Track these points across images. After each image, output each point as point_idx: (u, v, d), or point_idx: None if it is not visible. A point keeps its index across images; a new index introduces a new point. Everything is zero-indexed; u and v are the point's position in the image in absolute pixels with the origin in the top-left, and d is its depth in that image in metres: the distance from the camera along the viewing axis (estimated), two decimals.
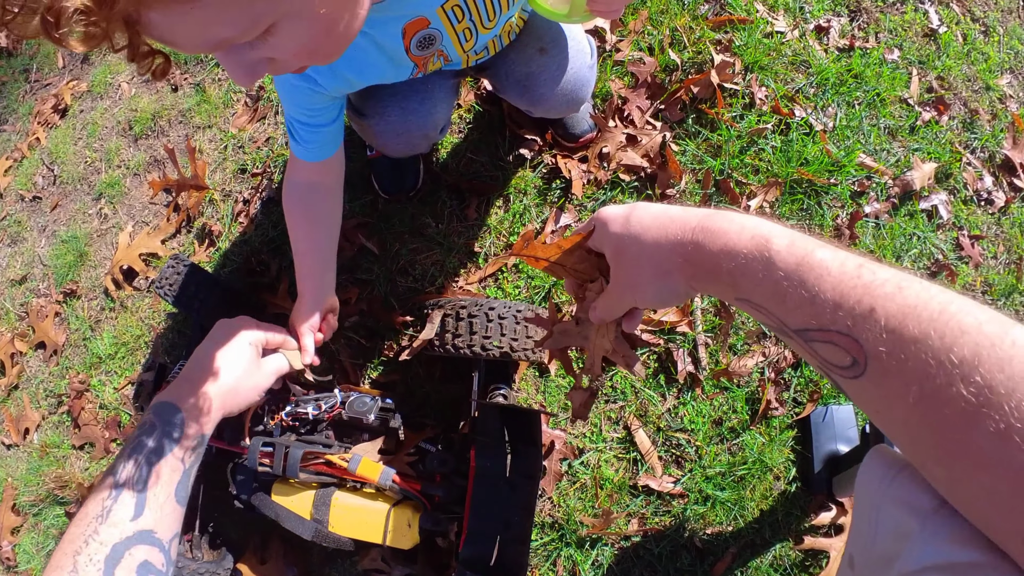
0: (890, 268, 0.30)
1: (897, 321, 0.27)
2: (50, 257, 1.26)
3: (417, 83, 0.72)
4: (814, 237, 0.33)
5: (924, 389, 0.26)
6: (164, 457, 0.53)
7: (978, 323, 0.25)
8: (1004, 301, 1.05)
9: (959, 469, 0.26)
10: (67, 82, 1.38)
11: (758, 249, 0.33)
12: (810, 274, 0.31)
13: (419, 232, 0.97)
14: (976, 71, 1.16)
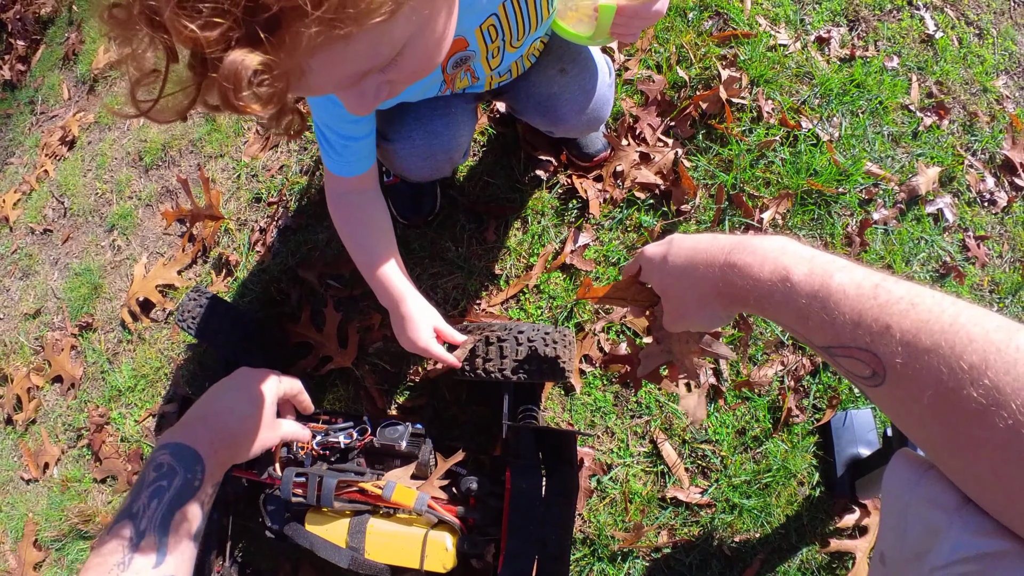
0: (905, 284, 0.33)
1: (911, 335, 0.30)
2: (64, 290, 1.26)
3: (440, 106, 0.73)
4: (832, 257, 0.36)
5: (938, 392, 0.29)
6: (186, 504, 0.53)
7: (985, 332, 0.28)
8: (1011, 298, 1.08)
9: (973, 460, 0.28)
10: (74, 114, 1.38)
11: (779, 280, 0.36)
12: (829, 299, 0.34)
13: (439, 256, 0.98)
14: (973, 74, 1.19)
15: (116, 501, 1.13)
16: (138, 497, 0.52)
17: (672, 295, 0.46)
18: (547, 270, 0.94)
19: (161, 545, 0.49)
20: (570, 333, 0.81)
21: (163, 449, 0.56)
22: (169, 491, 0.52)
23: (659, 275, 0.47)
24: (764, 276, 0.37)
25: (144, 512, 0.50)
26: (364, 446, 0.83)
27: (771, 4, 1.13)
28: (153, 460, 0.55)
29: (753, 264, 0.38)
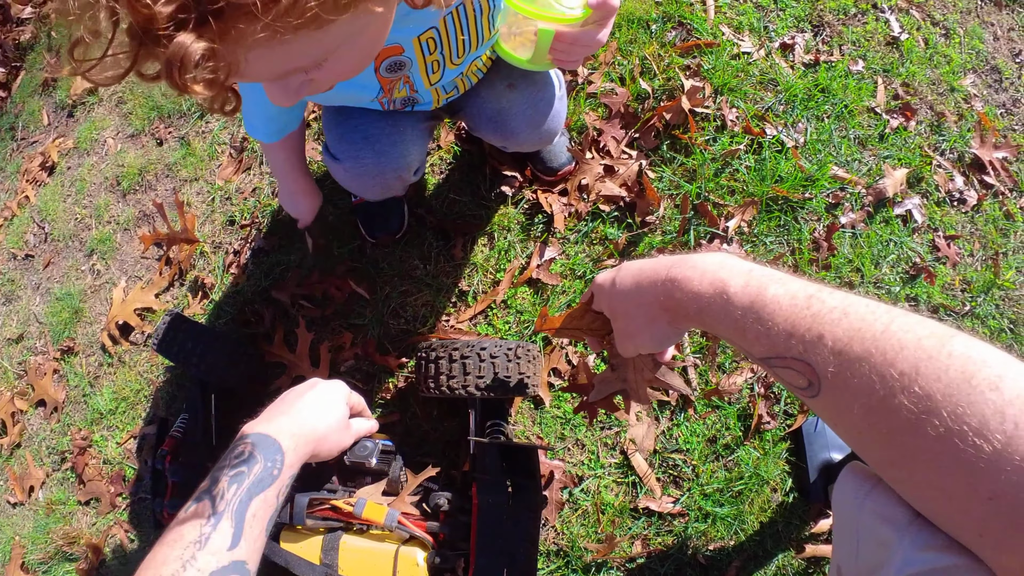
0: (840, 294, 0.33)
1: (843, 343, 0.30)
2: (46, 315, 1.28)
3: (389, 127, 0.73)
4: (770, 270, 0.37)
5: (871, 401, 0.29)
6: (264, 491, 0.53)
7: (917, 339, 0.28)
8: (983, 297, 1.08)
9: (910, 471, 0.28)
10: (53, 139, 1.40)
11: (717, 293, 0.37)
12: (764, 310, 0.34)
13: (408, 274, 0.99)
14: (940, 74, 1.20)
15: (100, 523, 1.14)
16: (218, 481, 0.52)
17: (620, 316, 0.47)
18: (514, 285, 0.95)
19: (237, 528, 0.50)
20: (534, 348, 0.82)
21: (245, 438, 0.57)
22: (249, 477, 0.53)
23: (608, 299, 0.48)
24: (703, 290, 0.38)
25: (223, 495, 0.51)
26: (335, 463, 0.84)
27: (735, 13, 1.14)
28: (234, 447, 0.56)
29: (693, 278, 0.39)
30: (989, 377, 0.26)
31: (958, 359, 0.27)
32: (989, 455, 0.24)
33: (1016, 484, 0.24)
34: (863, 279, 1.02)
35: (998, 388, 0.25)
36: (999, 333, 1.08)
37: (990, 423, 0.25)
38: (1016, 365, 0.26)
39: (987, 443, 0.24)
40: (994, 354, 0.27)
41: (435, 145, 1.05)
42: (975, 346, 0.27)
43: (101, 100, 1.39)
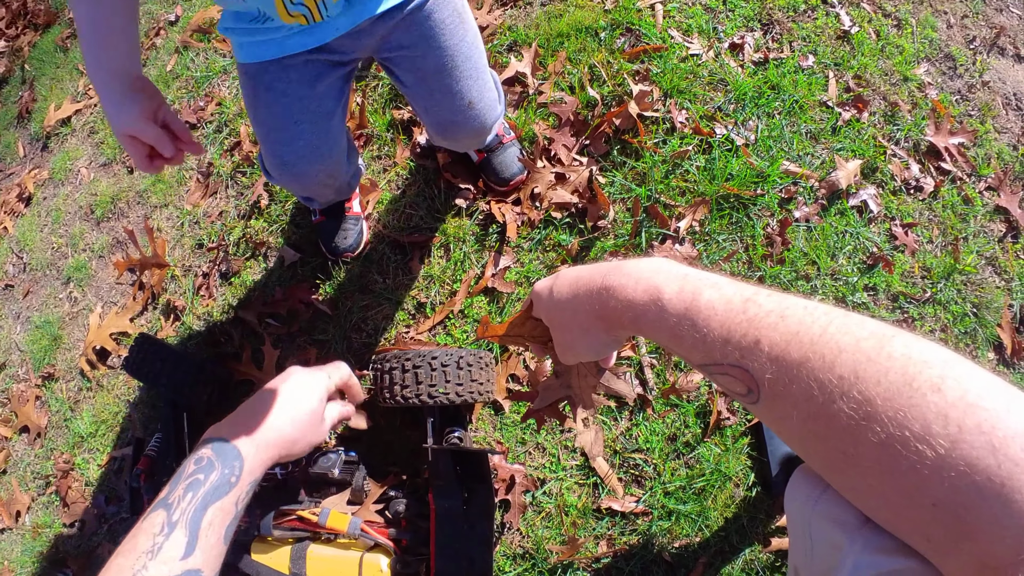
0: (778, 297, 0.32)
1: (780, 348, 0.29)
2: (26, 343, 1.31)
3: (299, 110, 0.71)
4: (707, 274, 0.36)
5: (810, 408, 0.28)
6: (221, 499, 0.52)
7: (856, 340, 0.27)
8: (944, 282, 1.09)
9: (852, 477, 0.28)
10: (29, 171, 1.43)
11: (652, 300, 0.36)
12: (699, 316, 0.33)
13: (368, 289, 1.01)
14: (892, 64, 1.21)
15: (85, 545, 1.16)
16: (175, 488, 0.52)
17: (557, 325, 0.46)
18: (470, 295, 0.97)
19: (192, 537, 0.49)
20: (487, 355, 0.83)
21: (206, 443, 0.56)
22: (204, 485, 0.52)
23: (546, 309, 0.46)
24: (637, 297, 0.37)
25: (179, 503, 0.50)
26: (300, 475, 0.86)
27: (683, 16, 1.15)
28: (194, 453, 0.55)
29: (627, 285, 0.38)
30: (931, 378, 0.25)
31: (898, 360, 0.26)
32: (932, 461, 0.24)
33: (959, 490, 0.23)
34: (819, 271, 1.03)
35: (940, 390, 0.24)
36: (962, 318, 1.09)
37: (932, 427, 0.24)
38: (959, 364, 0.25)
39: (930, 448, 0.24)
40: (936, 353, 0.26)
41: (391, 162, 1.07)
42: (916, 346, 0.26)
43: (74, 130, 1.42)
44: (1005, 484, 0.22)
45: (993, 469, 0.22)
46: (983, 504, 0.23)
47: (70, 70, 1.52)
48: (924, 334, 1.06)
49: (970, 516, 0.23)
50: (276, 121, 0.73)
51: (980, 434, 0.23)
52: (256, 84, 0.71)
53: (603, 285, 0.40)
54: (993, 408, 0.23)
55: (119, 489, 1.14)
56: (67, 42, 1.56)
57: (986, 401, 0.24)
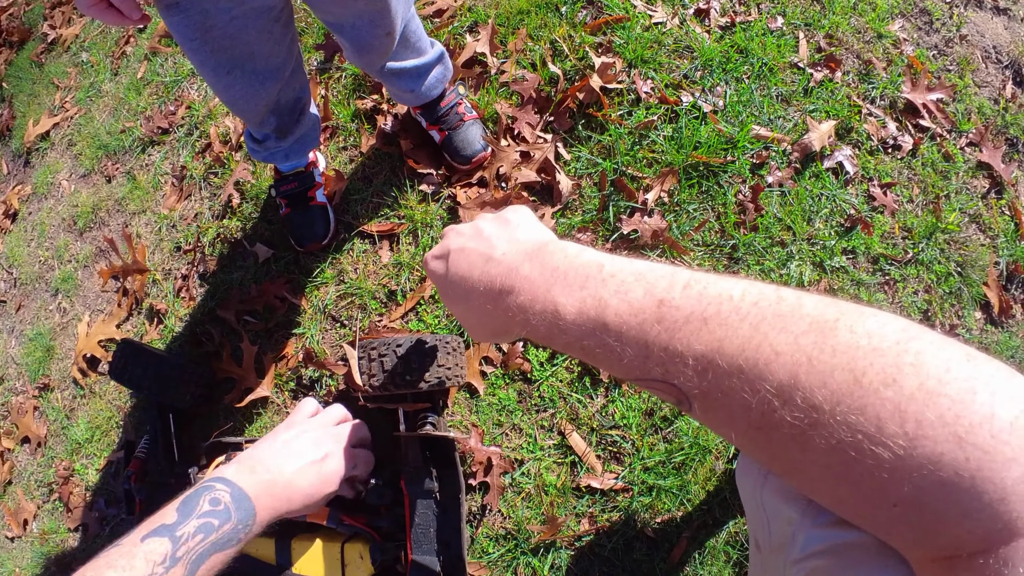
0: (697, 290, 0.28)
1: (707, 360, 0.26)
2: (21, 356, 1.34)
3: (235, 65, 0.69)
4: (609, 272, 0.31)
5: (749, 419, 0.25)
6: (225, 551, 0.52)
7: (794, 339, 0.24)
8: (926, 242, 1.06)
9: (803, 482, 0.25)
10: (13, 187, 1.46)
11: (552, 322, 0.31)
12: (608, 335, 0.29)
13: (340, 280, 1.02)
14: (865, 22, 1.18)
15: (90, 548, 1.19)
16: (186, 521, 0.51)
17: (458, 315, 0.41)
18: None
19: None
20: (455, 339, 0.83)
21: (224, 485, 0.56)
22: (216, 532, 0.52)
23: (441, 288, 0.42)
24: (536, 318, 0.32)
25: (187, 541, 0.50)
26: None
27: None
28: (210, 490, 0.55)
29: (524, 304, 0.33)
30: (883, 369, 0.22)
31: (844, 354, 0.23)
32: (891, 463, 0.21)
33: (923, 489, 0.21)
34: (795, 237, 1.01)
35: (895, 381, 0.21)
36: (946, 278, 1.06)
37: (888, 426, 0.21)
38: (914, 341, 0.22)
39: (887, 450, 0.21)
40: (888, 335, 0.23)
41: (357, 152, 1.07)
42: (864, 331, 0.23)
43: (53, 144, 1.44)
44: (975, 476, 0.20)
45: (960, 462, 0.20)
46: (951, 500, 0.21)
47: (46, 85, 1.53)
48: (908, 296, 1.04)
49: (937, 513, 0.21)
50: (208, 72, 0.71)
51: (943, 426, 0.20)
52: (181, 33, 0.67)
53: (500, 287, 0.35)
54: (956, 393, 0.21)
55: (116, 491, 1.17)
56: (42, 57, 1.58)
57: (948, 386, 0.21)
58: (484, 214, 0.43)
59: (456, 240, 0.41)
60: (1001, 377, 0.21)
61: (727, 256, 0.99)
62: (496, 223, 0.40)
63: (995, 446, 0.20)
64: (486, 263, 0.37)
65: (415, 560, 0.77)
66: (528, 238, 0.38)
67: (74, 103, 1.45)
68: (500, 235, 0.38)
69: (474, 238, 0.39)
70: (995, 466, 0.20)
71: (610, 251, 1.04)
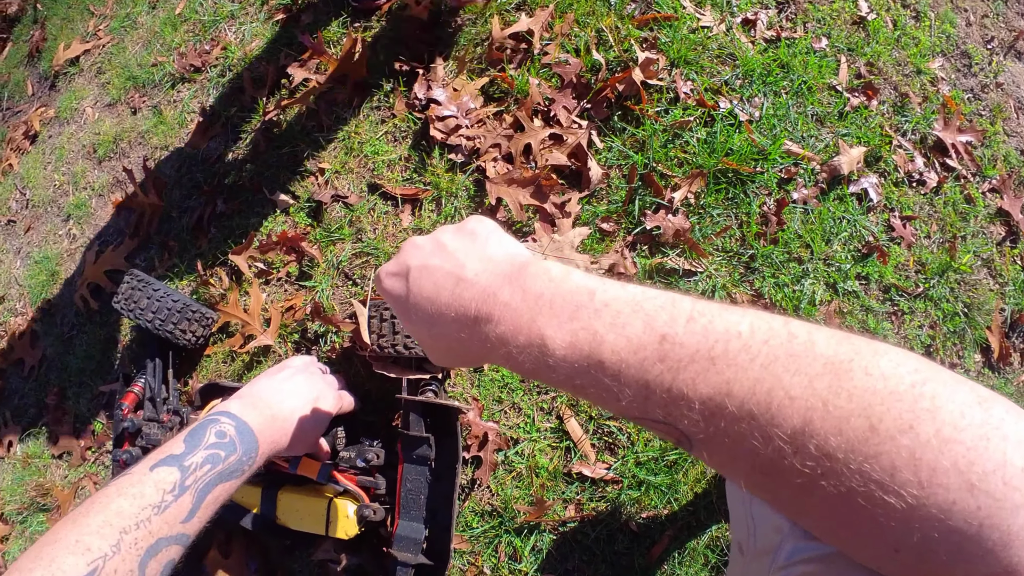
0: (702, 323, 0.25)
1: (713, 404, 0.24)
2: (25, 278, 1.33)
3: None
4: (602, 301, 0.28)
5: (756, 462, 0.24)
6: (230, 481, 0.54)
7: (808, 381, 0.22)
8: (938, 279, 1.07)
9: (805, 522, 0.24)
10: (36, 109, 1.44)
11: (538, 357, 0.28)
12: (604, 373, 0.26)
13: (357, 238, 1.01)
14: (907, 55, 1.18)
15: (72, 475, 1.18)
16: (193, 452, 0.53)
17: (421, 340, 0.36)
18: None
19: (196, 505, 0.51)
20: None
21: (229, 419, 0.57)
22: (223, 463, 0.54)
23: (404, 318, 0.37)
24: (519, 352, 0.29)
25: (195, 470, 0.52)
26: None
27: None
28: (216, 423, 0.56)
29: (505, 335, 0.29)
30: (900, 416, 0.21)
31: (860, 399, 0.22)
32: (901, 512, 0.21)
33: (929, 537, 0.20)
34: (812, 255, 1.02)
35: (911, 428, 0.21)
36: (952, 317, 1.08)
37: (901, 474, 0.20)
38: (930, 383, 0.21)
39: (898, 499, 0.21)
40: (905, 376, 0.22)
41: (390, 113, 1.07)
42: (879, 373, 0.22)
43: (81, 70, 1.43)
44: (983, 524, 0.20)
45: (971, 511, 0.20)
46: (956, 547, 0.20)
47: (81, 10, 1.52)
48: (913, 329, 1.05)
49: (940, 560, 0.21)
50: None
51: (957, 474, 0.20)
52: None
53: (475, 313, 0.31)
54: (970, 440, 0.20)
55: (105, 423, 1.16)
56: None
57: (963, 432, 0.20)
58: (444, 227, 0.38)
59: (416, 255, 0.36)
60: (1013, 421, 0.21)
61: (744, 265, 1.00)
62: (461, 237, 0.36)
63: (1006, 493, 0.20)
64: (456, 284, 0.33)
65: (402, 524, 0.77)
66: (501, 255, 0.33)
67: (107, 31, 1.44)
68: (468, 251, 0.34)
69: (437, 253, 0.35)
70: (1003, 513, 0.20)
71: (631, 245, 1.03)
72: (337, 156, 1.06)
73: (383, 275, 0.38)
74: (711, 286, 0.97)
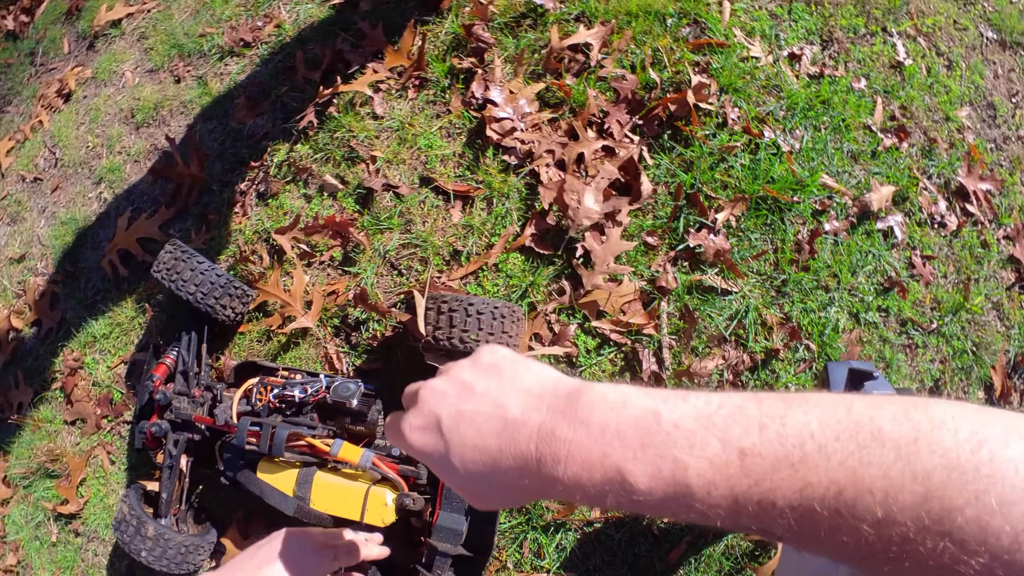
0: (775, 428, 0.25)
1: (804, 509, 0.24)
2: (49, 237, 1.30)
3: None
4: (676, 419, 0.27)
5: (844, 554, 0.24)
6: None
7: (883, 472, 0.23)
8: (951, 317, 1.13)
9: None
10: (72, 67, 1.42)
11: (619, 490, 0.27)
12: (691, 498, 0.26)
13: (406, 230, 1.03)
14: (938, 102, 1.24)
15: (84, 443, 1.17)
16: None
17: (470, 493, 0.33)
18: (507, 251, 0.99)
19: None
20: (519, 310, 0.86)
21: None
22: None
23: (445, 473, 0.33)
24: (596, 483, 0.27)
25: None
26: (317, 401, 0.88)
27: (749, 17, 1.17)
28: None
29: (578, 476, 0.28)
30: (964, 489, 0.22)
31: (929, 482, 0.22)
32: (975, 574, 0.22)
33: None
34: (839, 285, 1.07)
35: (977, 499, 0.22)
36: (961, 354, 1.14)
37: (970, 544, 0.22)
38: (987, 452, 0.22)
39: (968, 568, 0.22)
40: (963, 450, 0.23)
41: (445, 108, 1.09)
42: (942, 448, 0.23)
43: (123, 33, 1.41)
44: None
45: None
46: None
47: None
48: (925, 363, 1.11)
49: None
50: None
51: (1016, 534, 0.21)
52: None
53: (538, 456, 0.29)
54: None
55: (125, 392, 1.15)
56: None
57: (1019, 491, 0.22)
58: (455, 364, 0.35)
59: (442, 403, 0.33)
60: None
61: (776, 289, 1.04)
62: (484, 374, 0.33)
63: None
64: (504, 428, 0.30)
65: (442, 515, 0.79)
66: (539, 387, 0.31)
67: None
68: (502, 389, 0.32)
69: (467, 397, 0.32)
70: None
71: (673, 260, 1.06)
72: (390, 145, 1.07)
73: (407, 430, 0.34)
74: (744, 307, 1.01)
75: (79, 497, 1.14)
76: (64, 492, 1.14)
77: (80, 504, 1.14)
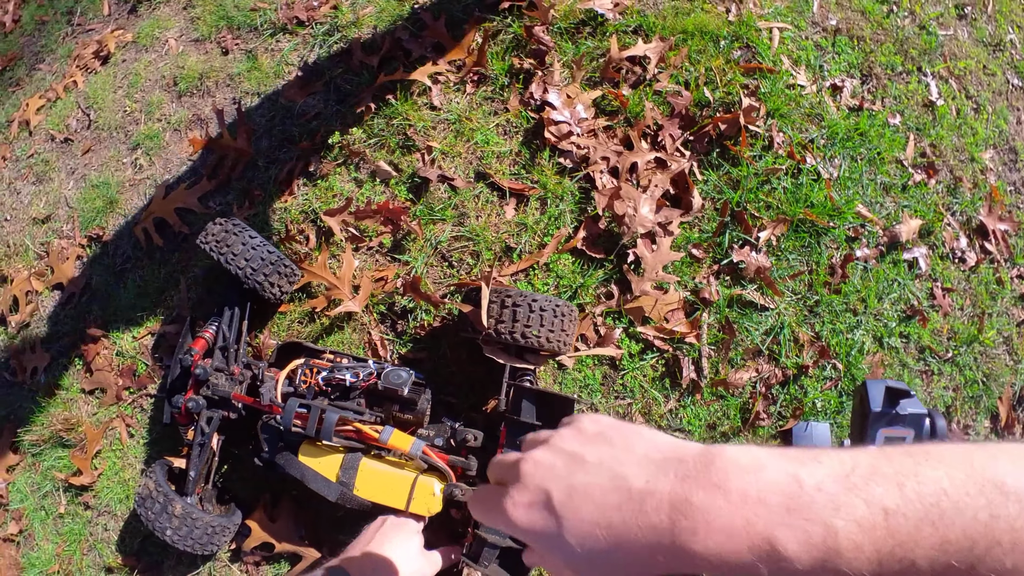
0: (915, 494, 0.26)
1: (943, 565, 0.25)
2: (77, 200, 1.27)
3: None
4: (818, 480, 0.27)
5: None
6: None
7: (1009, 525, 0.24)
8: (965, 348, 1.19)
9: None
10: (112, 30, 1.39)
11: (764, 557, 0.26)
12: (842, 561, 0.26)
13: (460, 222, 1.04)
14: (964, 143, 1.31)
15: (101, 414, 1.14)
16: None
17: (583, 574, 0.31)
18: (558, 251, 1.01)
19: None
20: (576, 310, 0.87)
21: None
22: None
23: (558, 555, 0.30)
24: (737, 558, 0.27)
25: None
26: (367, 387, 0.88)
27: (796, 47, 1.22)
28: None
29: (720, 547, 0.27)
30: None
31: None
32: None
33: None
34: (866, 309, 1.11)
35: None
36: (972, 383, 1.19)
37: None
38: None
39: None
40: None
41: (503, 106, 1.10)
42: None
43: (168, 0, 1.38)
44: None
45: None
46: None
47: None
48: (939, 389, 1.16)
49: None
50: None
51: None
52: None
53: (671, 527, 0.27)
54: None
55: (150, 364, 1.13)
56: None
57: None
58: (553, 433, 0.33)
59: (551, 477, 0.31)
60: None
61: (808, 309, 1.08)
62: (592, 442, 0.31)
63: None
64: (627, 500, 0.28)
65: None
66: (659, 455, 0.30)
67: None
68: (619, 459, 0.30)
69: (579, 470, 0.30)
70: None
71: (716, 273, 1.09)
72: (447, 138, 1.08)
73: (511, 508, 0.31)
74: (780, 323, 1.04)
75: (93, 469, 1.12)
76: (79, 462, 1.11)
77: (94, 476, 1.11)
